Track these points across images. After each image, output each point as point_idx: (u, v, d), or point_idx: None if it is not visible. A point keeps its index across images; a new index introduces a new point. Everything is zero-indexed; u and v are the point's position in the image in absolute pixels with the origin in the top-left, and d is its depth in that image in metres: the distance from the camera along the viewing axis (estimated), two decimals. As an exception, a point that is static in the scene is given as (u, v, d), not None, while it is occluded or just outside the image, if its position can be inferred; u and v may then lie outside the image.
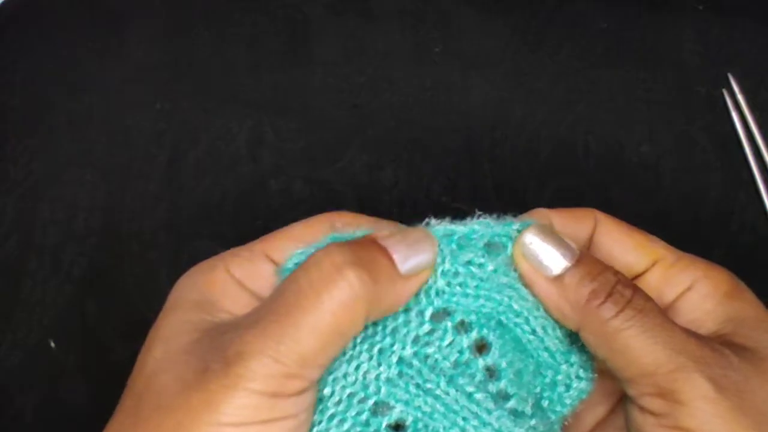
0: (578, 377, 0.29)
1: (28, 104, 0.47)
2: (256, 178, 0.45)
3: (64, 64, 0.48)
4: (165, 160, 0.45)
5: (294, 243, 0.31)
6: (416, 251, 0.28)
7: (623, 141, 0.44)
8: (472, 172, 0.44)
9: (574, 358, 0.29)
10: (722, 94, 0.44)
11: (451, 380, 0.28)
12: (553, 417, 0.29)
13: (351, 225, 0.31)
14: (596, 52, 0.46)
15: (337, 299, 0.26)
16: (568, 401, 0.29)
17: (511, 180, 0.44)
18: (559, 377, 0.29)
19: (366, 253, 0.28)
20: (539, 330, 0.29)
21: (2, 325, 0.43)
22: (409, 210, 0.44)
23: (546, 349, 0.29)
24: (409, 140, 0.45)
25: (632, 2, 0.46)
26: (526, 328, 0.29)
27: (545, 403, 0.29)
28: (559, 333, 0.29)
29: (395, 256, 0.28)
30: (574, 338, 0.29)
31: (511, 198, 0.44)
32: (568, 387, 0.29)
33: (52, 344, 0.43)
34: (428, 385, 0.28)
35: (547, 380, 0.29)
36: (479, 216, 0.30)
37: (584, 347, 0.28)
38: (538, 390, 0.29)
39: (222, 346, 0.27)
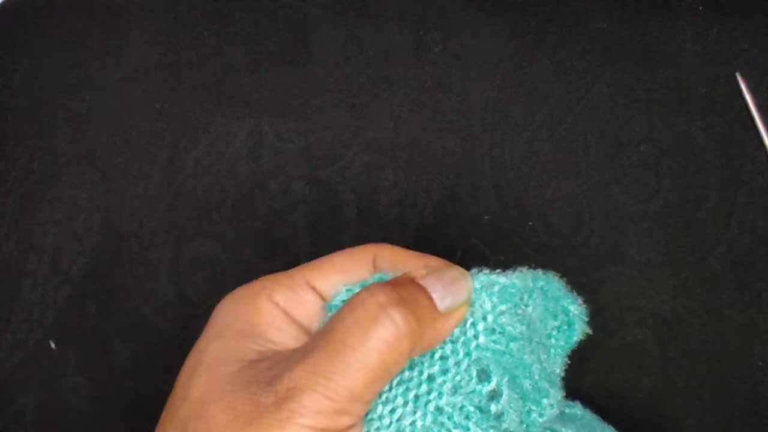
0: (551, 406, 0.32)
1: (28, 104, 0.47)
2: (256, 178, 0.45)
3: (64, 64, 0.48)
4: (164, 160, 0.45)
5: (336, 273, 0.32)
6: (453, 291, 0.30)
7: (623, 141, 0.44)
8: (472, 172, 0.44)
9: (552, 394, 0.32)
10: (738, 88, 0.44)
11: (477, 424, 0.29)
12: None
13: (391, 258, 0.32)
14: (596, 52, 0.46)
15: (384, 338, 0.27)
16: (539, 423, 0.32)
17: (511, 180, 0.44)
18: (538, 408, 0.31)
19: (407, 292, 0.29)
20: (537, 376, 0.31)
21: (2, 325, 0.43)
22: (408, 210, 0.44)
23: (536, 390, 0.31)
24: (409, 140, 0.45)
25: (632, 2, 0.46)
26: (528, 375, 0.31)
27: (523, 426, 0.31)
28: (546, 374, 0.31)
29: (434, 295, 0.29)
30: (549, 377, 0.32)
31: (511, 198, 0.44)
32: (542, 415, 0.32)
33: (52, 344, 0.43)
34: (457, 430, 0.29)
35: (526, 409, 0.31)
36: (519, 270, 0.31)
37: (556, 383, 0.32)
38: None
39: (271, 380, 0.27)
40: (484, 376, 0.30)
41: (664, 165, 0.44)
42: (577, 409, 0.37)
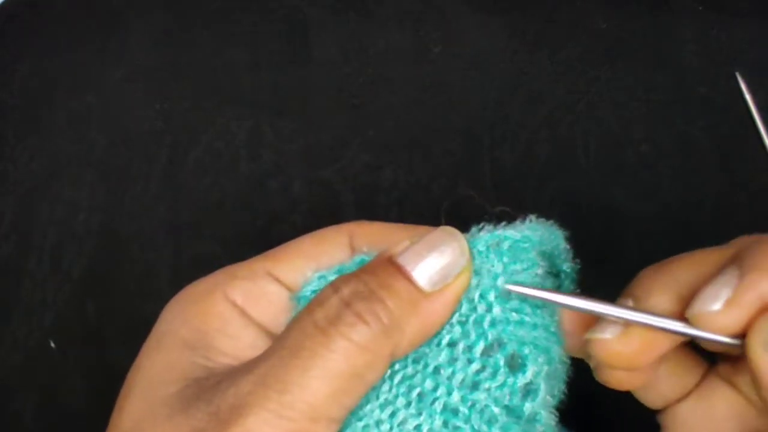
0: (564, 381, 0.27)
1: (28, 104, 0.47)
2: (256, 178, 0.45)
3: (64, 64, 0.48)
4: (164, 160, 0.45)
5: (304, 259, 0.27)
6: (438, 259, 0.24)
7: (623, 141, 0.44)
8: (471, 173, 0.44)
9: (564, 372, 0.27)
10: (738, 88, 0.44)
11: (503, 429, 0.24)
12: None
13: (371, 235, 0.27)
14: (596, 52, 0.46)
15: (352, 338, 0.22)
16: (557, 400, 0.27)
17: (511, 180, 0.44)
18: (560, 386, 0.27)
19: (377, 278, 0.24)
20: (566, 358, 0.26)
21: (2, 325, 0.43)
22: (408, 210, 0.44)
23: (563, 365, 0.27)
24: (409, 140, 0.45)
25: (632, 2, 0.46)
26: (563, 356, 0.26)
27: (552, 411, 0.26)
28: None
29: (414, 273, 0.24)
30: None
31: (511, 198, 0.44)
32: (559, 393, 0.27)
33: (52, 344, 0.43)
34: None
35: (555, 392, 0.27)
36: (529, 219, 0.27)
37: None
38: None
39: (214, 399, 0.23)
40: (516, 363, 0.24)
41: (664, 165, 0.44)
42: None
